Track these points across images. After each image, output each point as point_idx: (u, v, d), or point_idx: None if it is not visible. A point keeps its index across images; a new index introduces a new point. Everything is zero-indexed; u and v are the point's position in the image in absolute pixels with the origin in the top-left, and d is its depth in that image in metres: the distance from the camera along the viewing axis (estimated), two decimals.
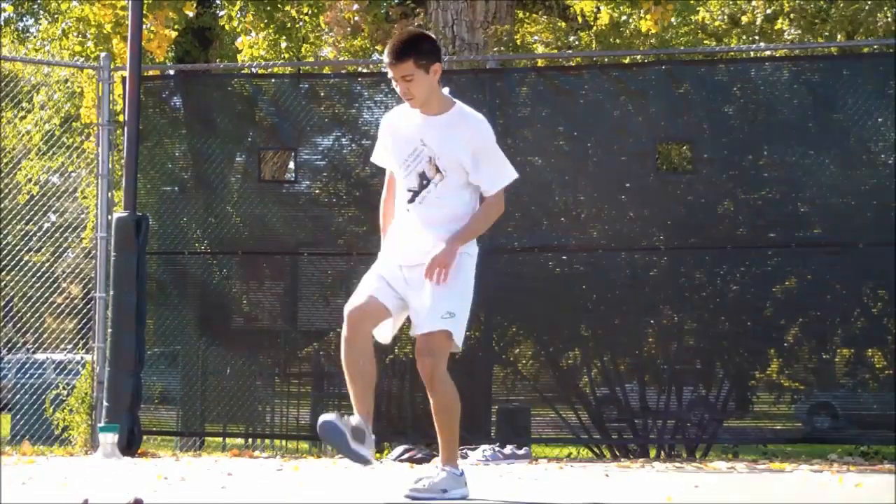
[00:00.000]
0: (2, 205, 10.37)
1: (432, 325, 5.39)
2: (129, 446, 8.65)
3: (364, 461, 5.35)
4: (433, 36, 5.60)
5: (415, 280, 5.42)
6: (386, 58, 5.34)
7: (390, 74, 5.34)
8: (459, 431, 5.55)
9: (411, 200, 5.40)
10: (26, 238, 10.37)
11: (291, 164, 10.32)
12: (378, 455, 9.14)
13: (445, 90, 5.45)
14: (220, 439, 10.59)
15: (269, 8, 14.59)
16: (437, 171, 5.36)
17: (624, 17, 14.31)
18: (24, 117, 11.74)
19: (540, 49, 14.08)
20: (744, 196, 9.13)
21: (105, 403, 8.78)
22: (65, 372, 10.12)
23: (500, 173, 5.43)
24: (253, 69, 11.51)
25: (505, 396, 9.39)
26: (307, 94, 9.73)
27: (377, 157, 5.58)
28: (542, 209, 9.34)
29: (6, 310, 10.46)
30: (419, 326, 5.46)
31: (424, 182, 5.38)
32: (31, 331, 10.15)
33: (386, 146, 5.50)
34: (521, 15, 15.00)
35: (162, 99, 10.17)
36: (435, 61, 5.32)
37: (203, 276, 9.75)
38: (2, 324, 10.34)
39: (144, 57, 12.22)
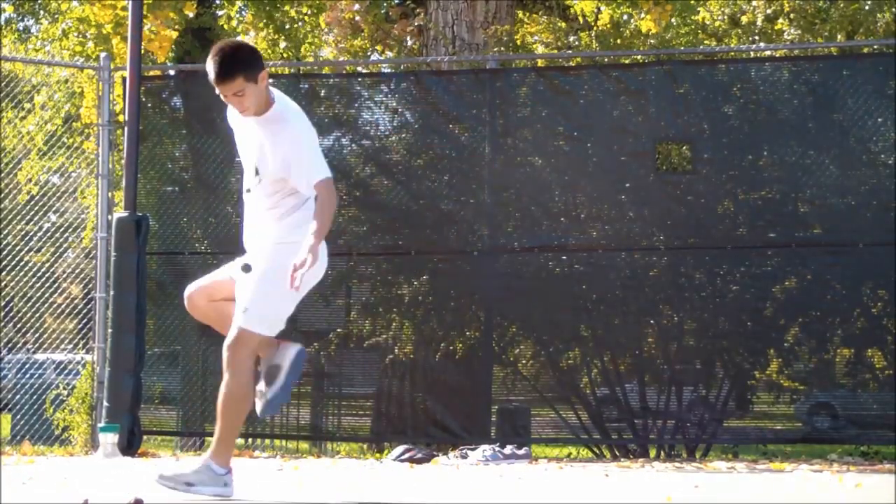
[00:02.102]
0: (2, 205, 10.37)
1: (234, 320, 5.47)
2: (129, 446, 8.66)
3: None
4: (248, 42, 5.57)
5: (243, 270, 5.63)
6: (212, 76, 5.22)
7: (217, 91, 5.26)
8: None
9: (248, 191, 5.52)
10: (26, 238, 10.37)
11: None
12: (378, 455, 9.15)
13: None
14: None
15: (268, 8, 14.59)
16: (255, 172, 5.48)
17: (624, 17, 14.30)
18: (24, 117, 11.73)
19: (540, 49, 14.08)
20: (744, 196, 9.13)
21: (105, 403, 8.78)
22: (65, 372, 10.12)
23: (314, 178, 5.39)
24: None
25: (505, 396, 9.39)
26: (307, 94, 9.72)
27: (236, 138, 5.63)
28: (542, 209, 9.34)
29: (6, 310, 10.46)
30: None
31: (257, 178, 5.48)
32: (31, 331, 10.15)
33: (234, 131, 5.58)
34: (521, 15, 14.99)
35: (162, 99, 10.17)
36: (261, 69, 5.27)
37: (203, 276, 9.73)
38: (2, 324, 10.34)
39: (145, 57, 12.22)
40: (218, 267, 5.77)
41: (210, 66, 5.21)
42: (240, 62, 5.20)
